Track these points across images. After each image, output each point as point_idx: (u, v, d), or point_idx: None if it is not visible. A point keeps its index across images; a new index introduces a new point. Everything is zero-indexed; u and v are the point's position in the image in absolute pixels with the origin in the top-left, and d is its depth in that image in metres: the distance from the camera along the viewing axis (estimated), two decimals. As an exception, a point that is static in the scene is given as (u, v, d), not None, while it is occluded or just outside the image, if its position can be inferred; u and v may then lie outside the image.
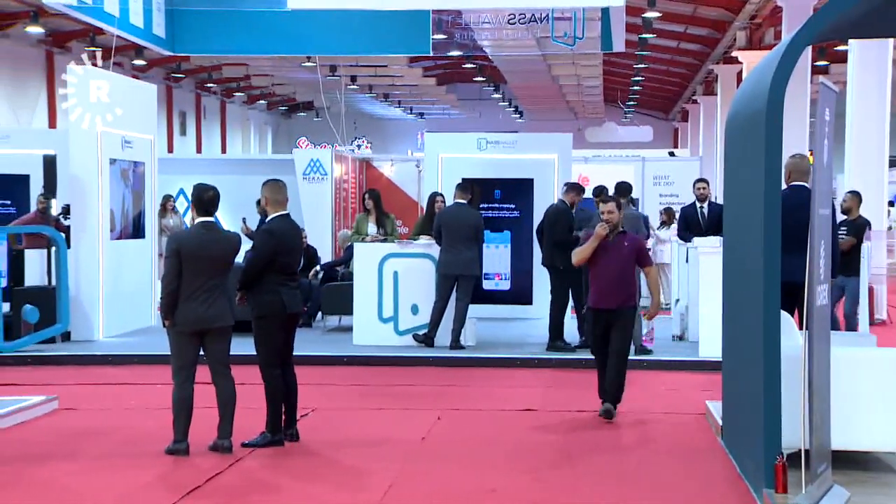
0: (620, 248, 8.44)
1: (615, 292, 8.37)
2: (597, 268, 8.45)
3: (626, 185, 12.26)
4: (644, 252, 8.62)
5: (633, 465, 7.15)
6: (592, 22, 17.58)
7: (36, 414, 8.48)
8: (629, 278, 8.51)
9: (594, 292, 8.45)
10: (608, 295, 8.37)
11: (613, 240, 8.44)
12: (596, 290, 8.45)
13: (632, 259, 8.47)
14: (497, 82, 40.09)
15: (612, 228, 8.42)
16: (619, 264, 8.40)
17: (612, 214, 8.42)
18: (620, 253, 8.42)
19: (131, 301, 13.05)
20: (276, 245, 7.39)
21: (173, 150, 36.50)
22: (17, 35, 28.56)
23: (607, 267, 8.39)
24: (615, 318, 8.38)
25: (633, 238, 8.60)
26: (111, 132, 12.71)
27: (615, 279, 8.38)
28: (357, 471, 6.98)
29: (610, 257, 8.39)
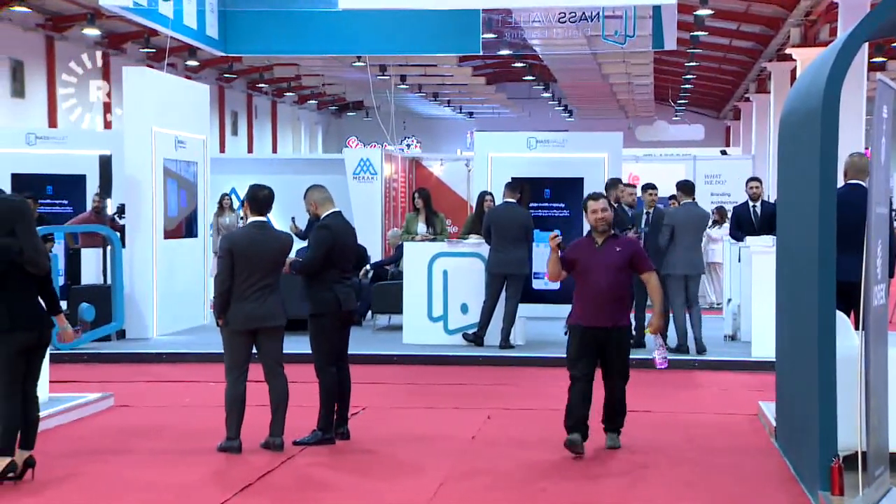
0: (611, 254, 7.18)
1: (608, 308, 7.13)
2: (584, 279, 7.20)
3: (690, 184, 12.10)
4: (641, 256, 7.37)
5: (685, 466, 7.09)
6: (643, 20, 17.46)
7: (92, 411, 8.61)
8: (623, 290, 7.31)
9: (581, 307, 7.19)
10: (599, 311, 7.12)
11: (603, 245, 7.21)
12: (584, 306, 7.18)
13: (626, 266, 7.23)
14: (547, 81, 39.99)
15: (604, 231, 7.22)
16: (611, 274, 7.13)
17: (606, 213, 7.23)
18: (611, 260, 7.15)
19: (184, 299, 13.20)
20: (333, 239, 7.44)
21: (225, 150, 36.87)
22: (74, 37, 29.05)
23: (597, 277, 7.13)
24: (609, 338, 7.17)
25: (626, 241, 7.45)
26: (165, 132, 12.87)
27: (607, 292, 7.12)
28: (408, 468, 7.00)
29: (600, 266, 7.13)
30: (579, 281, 7.22)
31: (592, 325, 7.14)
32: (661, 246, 11.15)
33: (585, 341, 7.15)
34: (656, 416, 8.76)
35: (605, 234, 7.22)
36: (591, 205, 7.25)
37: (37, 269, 6.37)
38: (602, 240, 7.22)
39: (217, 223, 16.01)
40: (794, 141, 6.95)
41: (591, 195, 7.38)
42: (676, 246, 11.18)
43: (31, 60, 28.25)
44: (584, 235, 7.42)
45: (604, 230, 7.19)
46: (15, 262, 6.26)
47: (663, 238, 11.16)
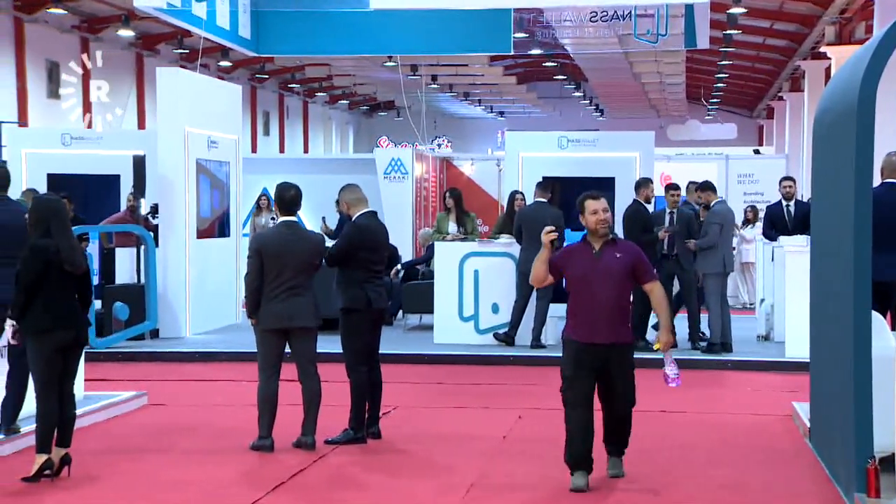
0: (611, 261, 6.24)
1: (607, 322, 6.20)
2: (579, 290, 6.25)
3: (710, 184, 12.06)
4: (643, 263, 6.39)
5: (718, 467, 7.05)
6: (676, 19, 17.37)
7: (126, 409, 8.69)
8: (625, 302, 6.40)
9: (576, 321, 6.28)
10: (597, 326, 6.19)
11: (601, 251, 6.27)
12: (580, 320, 6.25)
13: (627, 275, 6.28)
14: (578, 80, 39.86)
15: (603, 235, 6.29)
16: (611, 284, 6.21)
17: (608, 215, 6.30)
18: (611, 268, 6.22)
19: (217, 299, 13.29)
20: (361, 237, 7.45)
21: (257, 150, 37.05)
22: (108, 38, 29.31)
23: (595, 288, 6.19)
24: (609, 357, 6.25)
25: (627, 247, 6.44)
26: (198, 133, 12.95)
27: (607, 305, 6.19)
28: (439, 468, 7.01)
29: (598, 275, 6.20)
30: (574, 292, 6.31)
31: (589, 341, 6.21)
32: (714, 244, 11.11)
33: (581, 360, 6.23)
34: (689, 417, 8.72)
35: (603, 239, 6.26)
36: (591, 204, 6.29)
37: (73, 267, 6.44)
38: (600, 245, 6.27)
39: (254, 223, 16.10)
40: (828, 140, 6.89)
41: (588, 193, 6.38)
42: (720, 244, 11.15)
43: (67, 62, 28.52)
44: (580, 240, 6.39)
45: (603, 234, 6.26)
46: (52, 261, 6.33)
47: (714, 236, 11.11)
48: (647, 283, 6.37)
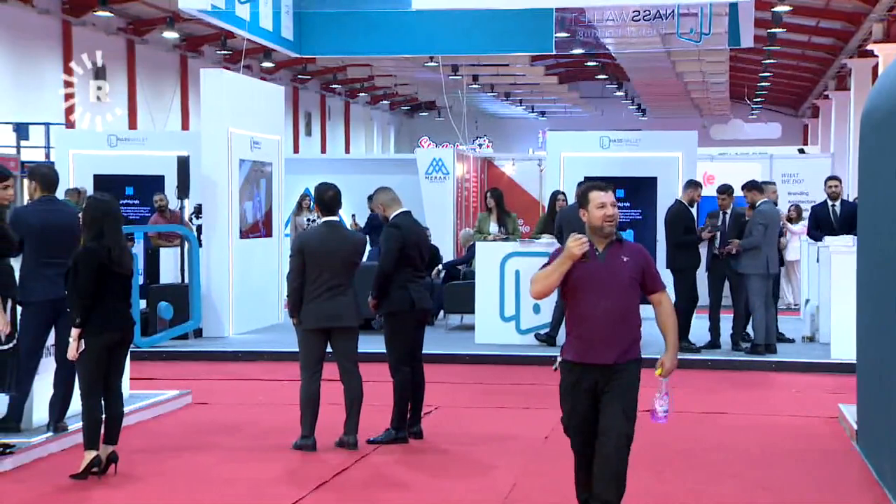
0: (616, 265, 5.19)
1: (611, 338, 5.18)
2: (580, 299, 5.18)
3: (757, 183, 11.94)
4: (653, 268, 5.30)
5: (762, 469, 6.98)
6: (720, 17, 17.23)
7: (171, 408, 8.77)
8: (634, 314, 5.28)
9: (575, 338, 5.24)
10: (599, 343, 5.15)
11: (605, 253, 5.21)
12: (580, 335, 5.20)
13: (635, 282, 5.23)
14: (620, 80, 39.67)
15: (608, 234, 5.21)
16: (617, 292, 5.18)
17: (616, 210, 5.24)
18: (616, 274, 5.18)
19: (259, 298, 13.38)
20: (403, 238, 7.48)
21: (299, 151, 37.26)
22: (154, 40, 29.64)
23: (598, 296, 5.15)
24: (610, 378, 5.18)
25: (635, 249, 5.30)
26: (241, 133, 13.05)
27: (610, 317, 5.16)
28: (481, 468, 7.01)
29: (603, 281, 5.16)
30: (573, 302, 5.21)
31: (590, 361, 5.17)
32: (758, 245, 10.99)
33: (580, 384, 5.20)
34: (732, 418, 8.65)
35: (608, 239, 5.21)
36: (597, 196, 5.19)
37: (122, 268, 6.52)
38: (604, 246, 5.20)
39: (294, 222, 16.20)
40: (877, 139, 6.80)
41: (593, 183, 5.32)
42: (763, 245, 11.03)
43: (113, 64, 28.88)
44: None
45: (609, 233, 5.18)
46: (104, 263, 6.41)
47: (759, 236, 10.99)
48: (656, 293, 5.31)
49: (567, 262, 5.12)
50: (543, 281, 5.17)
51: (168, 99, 31.47)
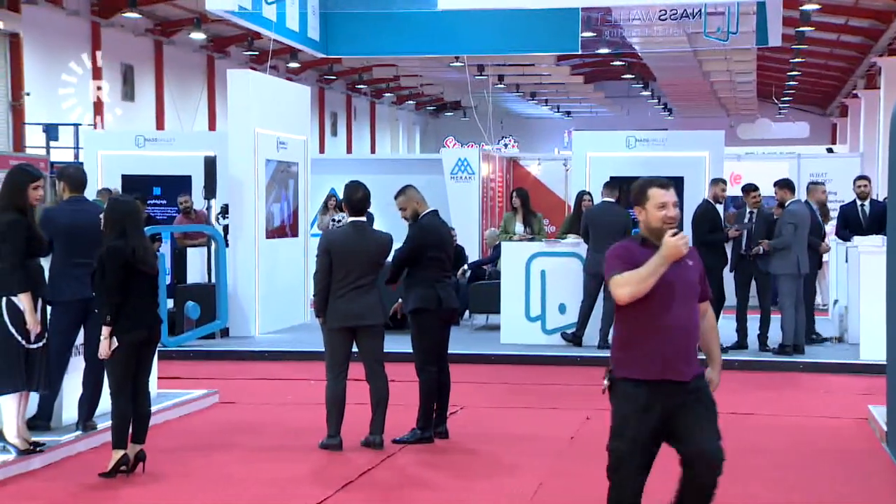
0: (684, 270, 4.64)
1: (688, 351, 4.60)
2: (651, 308, 4.54)
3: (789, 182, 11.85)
4: (705, 277, 4.84)
5: (791, 470, 6.93)
6: (747, 16, 17.14)
7: (198, 407, 8.81)
8: (698, 323, 4.73)
9: (642, 353, 4.57)
10: (676, 357, 4.55)
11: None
12: (650, 350, 4.55)
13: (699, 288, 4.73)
14: (646, 79, 39.54)
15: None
16: (688, 300, 4.64)
17: (678, 211, 4.72)
18: (687, 279, 4.64)
19: (286, 298, 13.42)
20: (425, 237, 7.48)
21: (324, 151, 37.38)
22: (181, 41, 29.83)
23: (669, 304, 4.56)
24: (686, 397, 4.56)
25: (694, 252, 4.73)
26: (267, 133, 13.10)
27: (686, 327, 4.60)
28: (507, 468, 7.00)
29: (674, 289, 4.56)
30: (642, 310, 4.54)
31: (665, 378, 4.53)
32: (788, 244, 10.91)
33: (650, 406, 4.54)
34: (759, 419, 8.59)
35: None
36: (658, 195, 4.67)
37: (147, 267, 6.56)
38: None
39: (320, 222, 16.26)
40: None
41: (654, 179, 4.80)
42: (794, 245, 10.96)
43: (141, 65, 29.10)
44: (631, 241, 4.78)
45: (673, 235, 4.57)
46: (128, 262, 6.46)
47: (789, 236, 10.91)
48: (704, 302, 4.80)
49: (667, 263, 4.47)
50: (639, 284, 4.47)
51: (195, 99, 31.66)
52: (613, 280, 4.56)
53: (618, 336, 4.76)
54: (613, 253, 4.68)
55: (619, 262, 4.60)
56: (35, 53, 23.98)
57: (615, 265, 4.60)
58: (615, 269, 4.58)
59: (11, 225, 6.64)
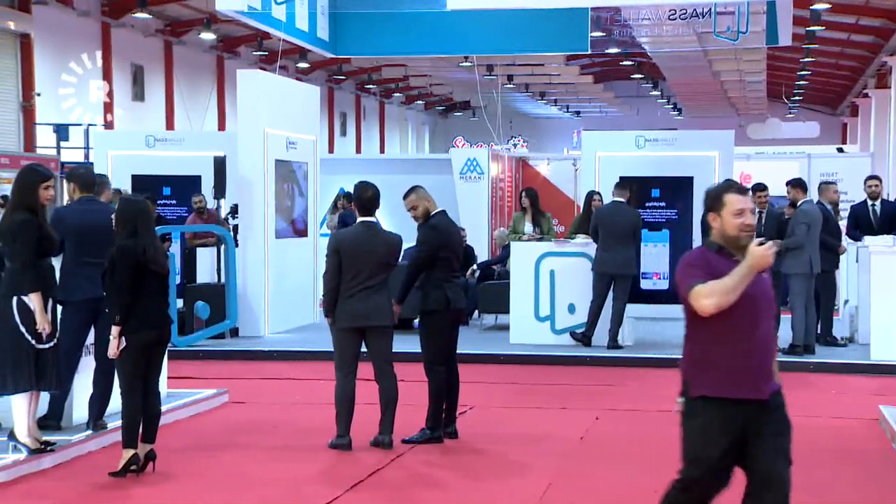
0: (760, 281, 4.35)
1: (768, 367, 4.38)
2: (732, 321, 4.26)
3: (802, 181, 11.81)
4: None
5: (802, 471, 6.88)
6: (757, 15, 17.10)
7: (208, 407, 8.83)
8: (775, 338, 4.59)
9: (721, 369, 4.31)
10: (756, 373, 4.33)
11: None
12: (729, 366, 4.30)
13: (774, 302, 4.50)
14: (655, 79, 39.46)
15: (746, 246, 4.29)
16: (766, 313, 4.39)
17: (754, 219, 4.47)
18: (764, 291, 4.39)
19: (295, 298, 13.44)
20: (440, 238, 7.48)
21: (334, 151, 37.40)
22: (191, 42, 29.89)
23: (750, 317, 4.31)
24: (764, 417, 4.34)
25: None
26: (277, 133, 13.12)
27: (766, 341, 4.38)
28: (516, 468, 7.00)
29: (754, 301, 4.31)
30: (717, 324, 4.26)
31: (746, 396, 4.30)
32: (801, 244, 10.86)
33: (730, 426, 4.29)
34: (770, 421, 8.57)
35: (742, 251, 4.30)
36: (735, 201, 4.36)
37: (158, 267, 6.58)
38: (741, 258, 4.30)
39: (329, 221, 16.28)
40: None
41: (731, 184, 4.53)
42: (806, 244, 10.92)
43: (151, 65, 29.16)
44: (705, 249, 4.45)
45: (746, 244, 4.28)
46: (139, 262, 6.48)
47: (802, 236, 10.86)
48: None
49: (753, 273, 4.20)
50: (726, 295, 4.16)
51: (205, 99, 31.71)
52: (697, 290, 4.23)
53: (692, 351, 4.42)
54: (690, 262, 4.37)
55: (698, 270, 4.29)
56: (46, 53, 24.05)
57: (695, 274, 4.28)
58: (696, 279, 4.26)
59: (22, 224, 6.66)
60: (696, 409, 4.33)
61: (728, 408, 4.27)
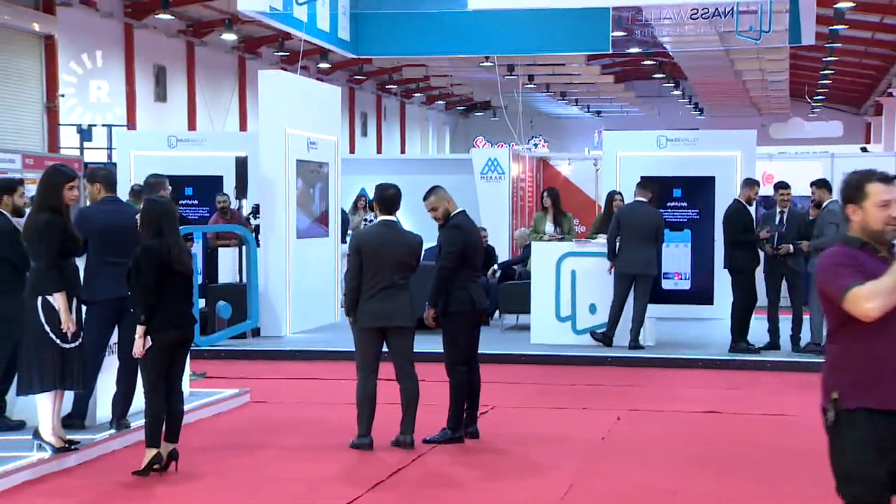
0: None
1: None
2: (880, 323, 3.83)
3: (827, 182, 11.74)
4: None
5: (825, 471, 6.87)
6: (780, 14, 17.00)
7: (230, 406, 8.86)
8: None
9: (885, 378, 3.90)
10: None
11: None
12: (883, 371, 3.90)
13: None
14: (677, 78, 39.34)
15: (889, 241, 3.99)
16: None
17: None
18: None
19: (316, 298, 13.47)
20: (465, 239, 7.49)
21: (355, 151, 37.47)
22: (213, 42, 30.02)
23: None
24: None
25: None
26: (298, 134, 13.16)
27: None
28: (538, 468, 6.99)
29: None
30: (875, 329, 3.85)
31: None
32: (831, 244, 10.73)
33: (886, 441, 3.89)
34: (793, 420, 8.54)
35: (885, 246, 4.00)
36: (879, 190, 3.96)
37: (182, 267, 6.62)
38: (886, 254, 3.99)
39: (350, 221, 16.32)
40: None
41: (872, 173, 4.03)
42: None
43: (173, 66, 29.31)
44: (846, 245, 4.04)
45: (890, 240, 3.99)
46: (164, 262, 6.52)
47: (831, 236, 10.77)
48: None
49: None
50: (890, 296, 3.76)
51: (226, 100, 31.85)
52: (855, 293, 3.79)
53: (844, 358, 3.99)
54: (837, 261, 3.96)
55: (851, 270, 3.88)
56: (71, 55, 24.21)
57: (847, 274, 3.87)
58: (850, 279, 3.84)
59: (47, 224, 6.72)
60: (851, 422, 3.91)
61: (891, 420, 3.87)
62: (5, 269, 7.25)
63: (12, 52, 22.23)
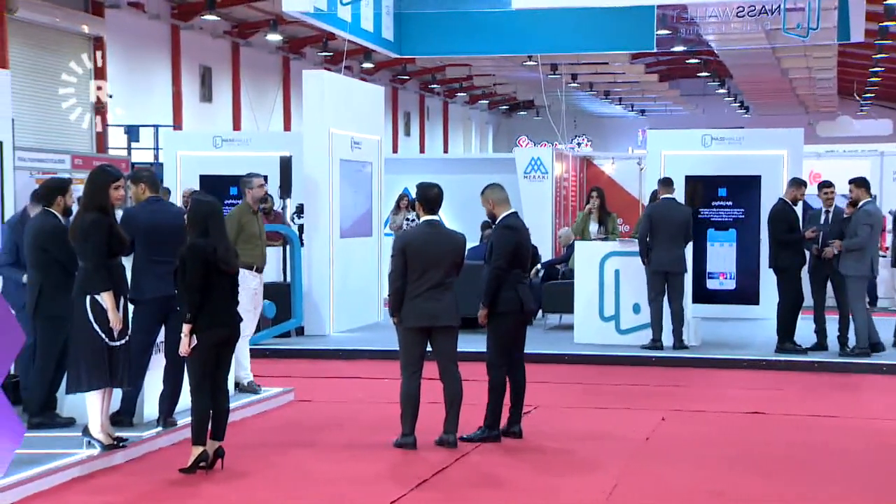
0: None
1: None
2: None
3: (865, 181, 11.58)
4: None
5: (871, 473, 6.79)
6: (828, 11, 16.76)
7: (274, 405, 8.93)
8: None
9: None
10: None
11: None
12: None
13: None
14: (722, 77, 38.97)
15: None
16: None
17: None
18: None
19: (360, 297, 13.52)
20: (517, 240, 7.48)
21: (398, 151, 37.56)
22: (257, 43, 30.24)
23: None
24: None
25: None
26: (341, 134, 13.22)
27: None
28: (582, 467, 6.98)
29: None
30: None
31: None
32: (864, 245, 10.61)
33: None
34: (839, 421, 8.44)
35: None
36: None
37: (228, 266, 6.68)
38: None
39: (392, 222, 16.37)
40: None
41: None
42: (868, 246, 10.67)
43: (218, 66, 29.57)
44: None
45: None
46: (210, 261, 6.58)
47: (866, 237, 10.62)
48: None
49: None
50: None
51: (271, 100, 32.05)
52: None
53: None
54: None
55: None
56: (118, 56, 24.49)
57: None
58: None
59: (94, 224, 6.80)
60: None
61: None
62: (56, 270, 7.36)
63: (62, 53, 22.53)
